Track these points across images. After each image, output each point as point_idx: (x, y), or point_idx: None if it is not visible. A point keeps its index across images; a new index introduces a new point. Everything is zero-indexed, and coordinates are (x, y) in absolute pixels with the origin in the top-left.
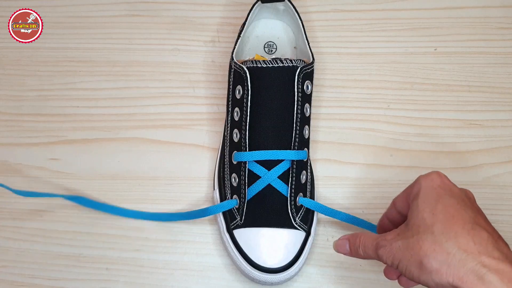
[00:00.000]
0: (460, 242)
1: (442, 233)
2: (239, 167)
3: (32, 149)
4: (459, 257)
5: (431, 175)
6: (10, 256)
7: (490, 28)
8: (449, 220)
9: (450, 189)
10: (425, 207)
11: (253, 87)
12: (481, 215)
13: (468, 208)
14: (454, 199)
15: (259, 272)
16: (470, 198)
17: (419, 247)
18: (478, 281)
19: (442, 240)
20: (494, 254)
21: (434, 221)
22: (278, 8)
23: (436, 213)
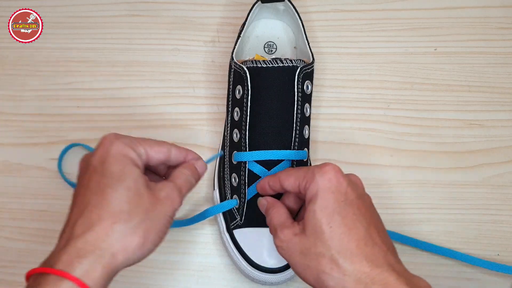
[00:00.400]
0: (355, 262)
1: (339, 251)
2: (239, 167)
3: (32, 149)
4: (354, 277)
5: (328, 174)
6: (10, 256)
7: (490, 28)
8: (346, 236)
9: (346, 193)
10: (322, 218)
11: (253, 87)
12: (373, 222)
13: (362, 217)
14: (350, 208)
15: (259, 272)
16: (364, 200)
17: (318, 262)
18: None
19: (339, 260)
20: (381, 269)
21: (332, 236)
22: (278, 8)
23: (333, 227)
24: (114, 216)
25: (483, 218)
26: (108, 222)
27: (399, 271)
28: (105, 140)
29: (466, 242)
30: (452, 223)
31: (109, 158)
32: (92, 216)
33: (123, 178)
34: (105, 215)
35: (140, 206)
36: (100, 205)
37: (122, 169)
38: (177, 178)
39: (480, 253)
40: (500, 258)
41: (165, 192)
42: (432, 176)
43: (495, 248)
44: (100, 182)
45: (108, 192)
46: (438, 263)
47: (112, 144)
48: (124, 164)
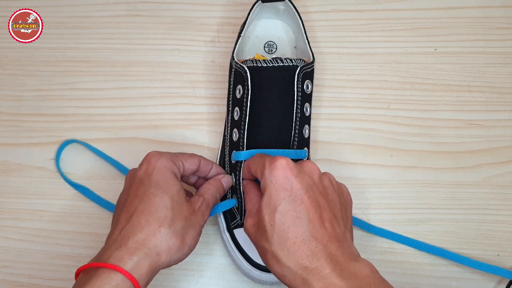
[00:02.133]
0: (291, 258)
1: (278, 248)
2: (236, 167)
3: (32, 149)
4: (291, 271)
5: (275, 171)
6: (10, 256)
7: (490, 28)
8: (284, 233)
9: (291, 189)
10: (265, 215)
11: (253, 87)
12: (318, 213)
13: (304, 212)
14: (292, 205)
15: (260, 271)
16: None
17: (264, 255)
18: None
19: (279, 255)
20: (317, 264)
21: (273, 233)
22: (278, 8)
23: (274, 225)
24: (160, 220)
25: (483, 218)
26: (155, 226)
27: (337, 262)
28: (150, 156)
29: (466, 242)
30: (452, 223)
31: (155, 171)
32: (140, 220)
33: (168, 189)
34: (152, 219)
35: (181, 214)
36: (148, 211)
37: (167, 181)
38: (206, 193)
39: (480, 253)
40: (500, 258)
41: (198, 205)
42: (432, 176)
43: (495, 248)
44: (147, 191)
45: (155, 201)
46: (434, 263)
47: (158, 159)
48: (168, 177)
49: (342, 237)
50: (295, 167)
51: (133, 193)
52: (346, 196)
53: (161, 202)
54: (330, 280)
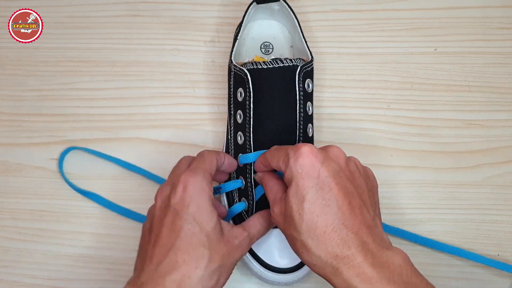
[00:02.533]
0: (321, 246)
1: (308, 237)
2: (245, 170)
3: (32, 149)
4: (321, 260)
5: (300, 159)
6: (10, 256)
7: (490, 28)
8: (313, 222)
9: (318, 176)
10: (293, 204)
11: (255, 89)
12: (348, 199)
13: (333, 200)
14: (320, 193)
15: (272, 272)
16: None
17: (293, 243)
18: (338, 278)
19: (308, 244)
20: (348, 252)
21: (301, 222)
22: (273, 8)
23: (302, 214)
24: (197, 261)
25: (483, 218)
26: (192, 266)
27: (368, 250)
28: (187, 182)
29: (466, 242)
30: (452, 223)
31: (192, 203)
32: (178, 259)
33: (205, 224)
34: (190, 259)
35: (218, 253)
36: (185, 250)
37: (203, 214)
38: (253, 228)
39: (480, 253)
40: (500, 258)
41: (239, 241)
42: (432, 176)
43: (495, 248)
44: (184, 227)
45: (192, 239)
46: (434, 263)
47: (194, 186)
48: (206, 210)
49: (372, 223)
50: (320, 153)
51: (168, 225)
52: (372, 180)
53: (198, 241)
54: (362, 269)
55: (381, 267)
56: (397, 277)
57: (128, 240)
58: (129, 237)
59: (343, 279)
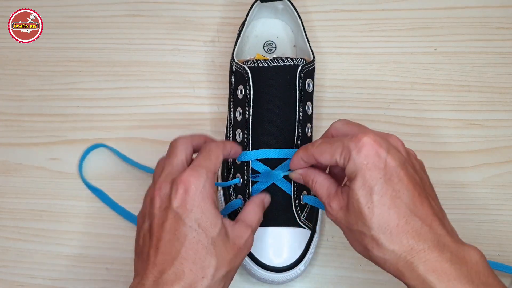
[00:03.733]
0: (394, 240)
1: (379, 231)
2: (243, 167)
3: (32, 149)
4: (394, 256)
5: (364, 150)
6: (10, 256)
7: (490, 28)
8: (385, 215)
9: (385, 167)
10: (361, 198)
11: (255, 87)
12: (418, 191)
13: (404, 191)
14: (389, 185)
15: (266, 271)
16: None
17: (361, 239)
18: (411, 274)
19: (380, 238)
20: (424, 246)
21: (371, 216)
22: (277, 7)
23: (372, 207)
24: (204, 270)
25: (483, 218)
26: (199, 276)
27: (445, 244)
28: (188, 183)
29: (466, 242)
30: (452, 223)
31: (195, 207)
32: (184, 269)
33: (210, 231)
34: (196, 269)
35: (225, 259)
36: (191, 260)
37: (208, 219)
38: (254, 220)
39: None
40: (499, 258)
41: (244, 239)
42: (432, 176)
43: (495, 248)
44: (188, 235)
45: (198, 248)
46: None
47: (196, 188)
48: (209, 214)
49: (441, 214)
50: (383, 141)
51: (171, 231)
52: (426, 172)
53: (204, 250)
54: (439, 264)
55: (459, 264)
56: (475, 276)
57: (128, 240)
58: (129, 237)
59: (418, 274)
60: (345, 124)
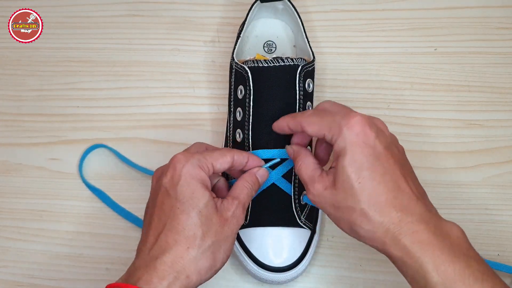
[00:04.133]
0: (384, 214)
1: (368, 205)
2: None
3: (32, 149)
4: (382, 228)
5: (355, 128)
6: (10, 256)
7: (490, 28)
8: (375, 190)
9: (374, 146)
10: (351, 173)
11: (255, 87)
12: (402, 172)
13: (390, 169)
14: (378, 162)
15: (267, 271)
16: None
17: (349, 215)
18: (396, 246)
19: (369, 213)
20: (411, 218)
21: (361, 191)
22: (277, 7)
23: (362, 182)
24: (189, 240)
25: (483, 218)
26: (184, 247)
27: (429, 219)
28: (176, 162)
29: None
30: None
31: (181, 181)
32: (168, 239)
33: (195, 203)
34: (181, 239)
35: (211, 229)
36: (175, 230)
37: (193, 193)
38: (241, 193)
39: (480, 253)
40: (499, 258)
41: (231, 212)
42: (432, 176)
43: (495, 248)
44: (174, 206)
45: (183, 218)
46: None
47: (183, 166)
48: (196, 188)
49: (424, 195)
50: (372, 123)
51: (159, 205)
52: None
53: (188, 219)
54: (424, 235)
55: (442, 236)
56: (457, 248)
57: (128, 240)
58: (129, 237)
59: (404, 245)
60: (334, 104)
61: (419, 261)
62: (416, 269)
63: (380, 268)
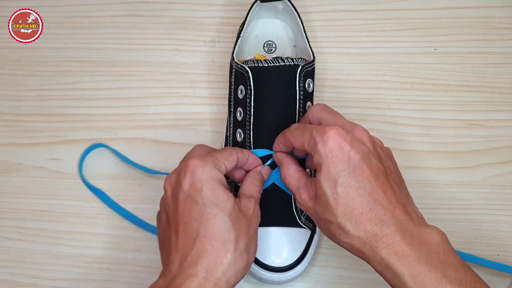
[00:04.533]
0: (359, 227)
1: (345, 219)
2: None
3: (32, 149)
4: (360, 240)
5: (329, 143)
6: (10, 256)
7: (490, 28)
8: (349, 205)
9: (349, 160)
10: (327, 189)
11: (255, 87)
12: (380, 181)
13: (366, 181)
14: (353, 176)
15: (267, 271)
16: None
17: (328, 227)
18: (375, 257)
19: (346, 226)
20: (387, 231)
21: (337, 205)
22: (277, 7)
23: (337, 198)
24: (226, 245)
25: (483, 218)
26: (222, 252)
27: (407, 228)
28: (194, 167)
29: (466, 242)
30: (452, 223)
31: (205, 186)
32: (206, 246)
33: (224, 206)
34: (218, 245)
35: (241, 230)
36: (211, 236)
37: (220, 196)
38: (253, 191)
39: (480, 253)
40: (500, 258)
41: (251, 210)
42: (432, 176)
43: (495, 248)
44: (204, 212)
45: (215, 223)
46: None
47: (203, 170)
48: (220, 191)
49: (406, 200)
50: (347, 135)
51: (186, 213)
52: (394, 159)
53: (221, 224)
54: (399, 247)
55: (418, 246)
56: (435, 256)
57: (128, 240)
58: (129, 237)
59: (381, 257)
60: (320, 110)
61: (397, 272)
62: (395, 281)
63: None
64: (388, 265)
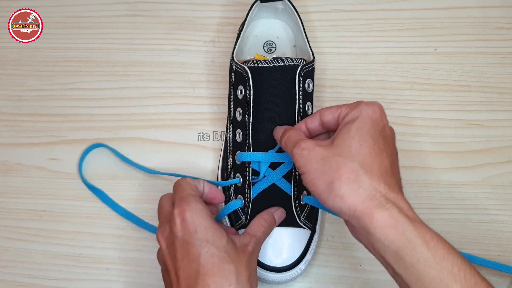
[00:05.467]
0: (374, 180)
1: (362, 166)
2: (243, 167)
3: (32, 149)
4: (368, 192)
5: (374, 106)
6: (10, 256)
7: (490, 28)
8: (372, 156)
9: (384, 127)
10: (356, 135)
11: (255, 87)
12: (396, 160)
13: (389, 150)
14: (383, 139)
15: (267, 271)
16: (392, 138)
17: (337, 168)
18: (381, 212)
19: (359, 172)
20: (398, 195)
21: (360, 151)
22: (277, 8)
23: (364, 145)
24: (227, 278)
25: (483, 218)
26: (225, 285)
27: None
28: (181, 212)
29: (466, 242)
30: (452, 223)
31: (198, 228)
32: (209, 282)
33: (219, 243)
34: (220, 279)
35: (241, 263)
36: (211, 272)
37: (214, 233)
38: (258, 231)
39: (480, 253)
40: (499, 258)
41: (251, 247)
42: (432, 176)
43: (495, 248)
44: (201, 252)
45: (214, 261)
46: None
47: (192, 213)
48: (213, 229)
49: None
50: (385, 114)
51: (184, 257)
52: None
53: (220, 260)
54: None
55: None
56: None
57: (128, 240)
58: (129, 237)
59: (390, 214)
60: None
61: (407, 234)
62: (402, 243)
63: (380, 268)
64: (397, 225)
